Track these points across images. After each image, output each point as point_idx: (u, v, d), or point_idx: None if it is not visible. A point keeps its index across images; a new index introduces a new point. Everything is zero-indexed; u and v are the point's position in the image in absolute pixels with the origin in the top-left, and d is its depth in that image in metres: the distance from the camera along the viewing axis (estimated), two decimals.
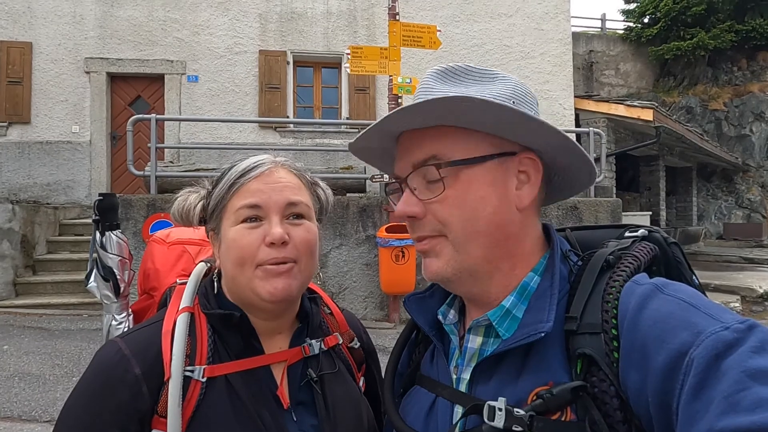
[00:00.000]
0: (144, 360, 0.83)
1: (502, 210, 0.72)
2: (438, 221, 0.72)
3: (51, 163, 9.31)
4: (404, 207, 0.74)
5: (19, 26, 9.33)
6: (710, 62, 17.09)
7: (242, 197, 0.88)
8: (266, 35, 9.96)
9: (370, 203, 6.18)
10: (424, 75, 0.78)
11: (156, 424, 0.82)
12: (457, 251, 0.71)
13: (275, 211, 0.87)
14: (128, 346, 0.85)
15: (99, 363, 0.85)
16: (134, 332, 0.91)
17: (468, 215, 0.71)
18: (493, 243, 0.72)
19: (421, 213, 0.73)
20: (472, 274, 0.72)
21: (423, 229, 0.74)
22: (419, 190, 0.73)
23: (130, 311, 1.17)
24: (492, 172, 0.72)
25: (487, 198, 0.71)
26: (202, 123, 9.43)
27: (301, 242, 0.88)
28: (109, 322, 1.15)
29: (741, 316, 0.58)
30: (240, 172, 0.89)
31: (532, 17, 10.66)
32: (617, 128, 10.96)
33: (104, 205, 1.16)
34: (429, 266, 0.74)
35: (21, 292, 6.81)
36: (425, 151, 0.73)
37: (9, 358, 4.57)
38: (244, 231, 0.87)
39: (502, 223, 0.72)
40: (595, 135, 7.34)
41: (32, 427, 3.36)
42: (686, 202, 15.86)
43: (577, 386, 0.61)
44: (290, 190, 0.90)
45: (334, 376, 0.95)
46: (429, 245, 0.73)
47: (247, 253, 0.86)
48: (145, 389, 0.82)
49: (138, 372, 0.82)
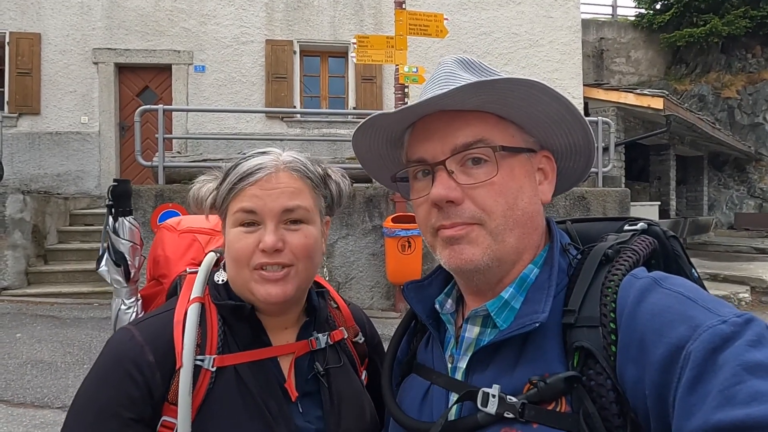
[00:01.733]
0: (156, 348, 0.85)
1: (534, 202, 0.74)
2: (479, 208, 0.70)
3: (61, 153, 9.40)
4: (445, 191, 0.70)
5: (27, 17, 9.37)
6: (723, 49, 16.77)
7: (240, 201, 0.88)
8: (273, 25, 9.92)
9: (376, 193, 6.18)
10: (442, 62, 0.77)
11: (167, 411, 0.83)
12: (495, 240, 0.71)
13: (270, 217, 0.87)
14: (141, 333, 0.87)
15: (114, 348, 0.86)
16: (146, 320, 0.92)
17: (510, 203, 0.71)
18: (525, 233, 0.73)
19: (461, 198, 0.70)
20: (501, 264, 0.72)
21: (460, 215, 0.70)
22: (457, 175, 0.71)
23: (139, 296, 1.19)
24: (525, 165, 0.74)
25: (524, 189, 0.72)
26: (209, 113, 9.45)
27: (298, 247, 0.88)
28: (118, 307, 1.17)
29: (739, 309, 0.58)
30: (240, 175, 0.89)
31: (541, 4, 10.51)
32: (627, 117, 10.83)
33: (118, 191, 1.17)
34: (461, 253, 0.71)
35: (33, 281, 6.91)
36: (473, 133, 0.71)
37: (22, 346, 4.65)
38: (240, 234, 0.88)
39: (534, 214, 0.74)
40: (603, 124, 7.26)
41: (45, 413, 3.43)
42: (697, 192, 15.66)
43: (570, 376, 0.61)
44: (287, 195, 0.88)
45: (339, 369, 0.97)
46: (464, 231, 0.71)
47: (243, 257, 0.87)
48: (158, 376, 0.83)
49: (152, 359, 0.84)
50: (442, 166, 0.71)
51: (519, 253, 0.73)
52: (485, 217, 0.70)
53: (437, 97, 0.67)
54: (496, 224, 0.70)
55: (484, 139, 0.70)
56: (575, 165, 0.81)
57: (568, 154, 0.79)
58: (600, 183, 7.05)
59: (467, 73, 0.74)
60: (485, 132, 0.71)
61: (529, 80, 0.67)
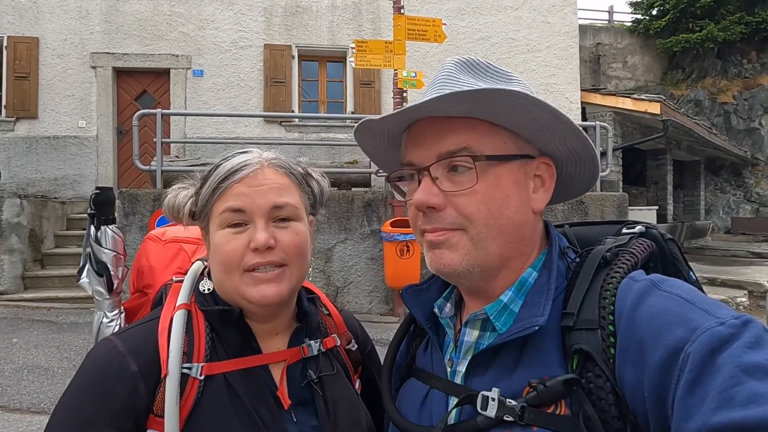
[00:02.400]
0: (140, 357, 0.81)
1: (522, 211, 0.73)
2: (461, 214, 0.70)
3: (58, 157, 9.37)
4: (426, 197, 0.71)
5: (25, 21, 9.37)
6: (719, 55, 16.87)
7: (226, 201, 0.85)
8: (271, 29, 9.94)
9: (374, 198, 6.18)
10: (444, 64, 0.76)
11: (152, 424, 0.79)
12: (475, 247, 0.71)
13: (260, 215, 0.84)
14: (124, 343, 0.83)
15: (94, 361, 0.82)
16: (129, 330, 0.89)
17: (493, 212, 0.70)
18: (509, 242, 0.72)
19: (442, 204, 0.71)
20: (483, 270, 0.72)
21: (441, 221, 0.71)
22: (441, 181, 0.71)
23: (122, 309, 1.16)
24: (515, 173, 0.72)
25: (510, 197, 0.72)
26: (207, 117, 9.44)
27: (289, 245, 0.86)
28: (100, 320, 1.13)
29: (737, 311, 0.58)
30: (224, 174, 0.86)
31: (539, 10, 10.57)
32: (624, 122, 10.87)
33: (100, 199, 1.15)
34: (440, 258, 0.72)
35: (29, 285, 6.88)
36: (456, 141, 0.71)
37: (18, 351, 4.63)
38: (229, 236, 0.84)
39: (521, 223, 0.73)
40: (601, 129, 7.29)
41: (41, 419, 3.41)
42: (694, 197, 15.72)
43: (569, 379, 0.61)
44: (276, 192, 0.86)
45: (333, 377, 0.94)
46: (444, 237, 0.71)
47: (233, 259, 0.84)
48: (142, 387, 0.80)
49: (135, 369, 0.80)
50: (427, 172, 0.72)
51: (503, 261, 0.73)
52: (467, 224, 0.70)
53: (415, 107, 0.69)
54: (477, 231, 0.70)
55: (469, 147, 0.70)
56: (581, 172, 0.80)
57: (571, 160, 0.78)
58: (598, 187, 7.08)
59: (468, 76, 0.74)
60: (471, 140, 0.70)
61: (509, 90, 0.67)
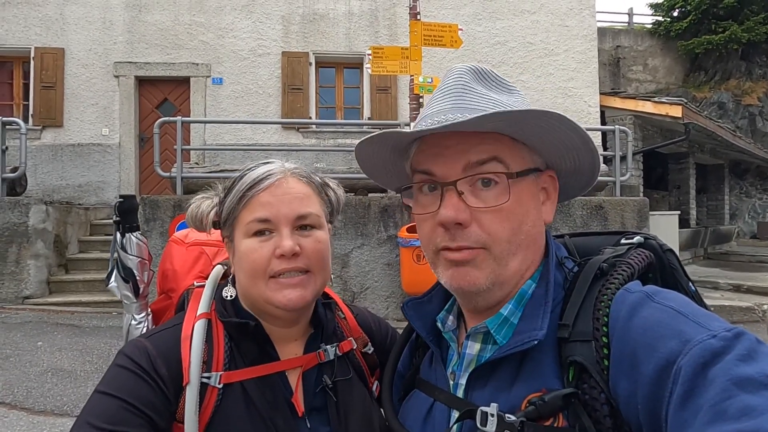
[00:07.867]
0: (168, 363, 0.85)
1: (537, 224, 0.73)
2: (485, 232, 0.69)
3: (82, 164, 9.60)
4: (454, 213, 0.68)
5: (52, 33, 9.65)
6: (743, 56, 16.51)
7: (252, 211, 0.88)
8: (289, 37, 10.06)
9: (391, 203, 6.18)
10: (455, 70, 0.75)
11: (175, 430, 0.83)
12: (498, 264, 0.70)
13: (285, 223, 0.88)
14: (154, 347, 0.86)
15: (128, 356, 0.85)
16: (157, 334, 0.92)
17: (515, 228, 0.70)
18: (527, 256, 0.73)
19: (469, 221, 0.69)
20: (502, 286, 0.72)
21: (466, 239, 0.69)
22: (467, 196, 0.69)
23: (149, 311, 1.19)
24: (532, 187, 0.73)
25: (530, 212, 0.72)
26: (226, 125, 9.59)
27: (312, 252, 0.89)
28: (129, 322, 1.17)
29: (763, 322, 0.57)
30: (249, 183, 0.89)
31: (556, 13, 10.49)
32: (644, 125, 10.69)
33: (124, 207, 1.17)
34: (465, 276, 0.70)
35: (54, 290, 7.04)
36: (485, 151, 0.69)
37: (43, 354, 4.73)
38: (255, 244, 0.87)
39: (536, 236, 0.73)
40: (621, 133, 7.18)
41: (64, 421, 3.47)
42: (718, 201, 15.36)
43: (568, 393, 0.62)
44: (299, 201, 0.90)
45: (347, 382, 0.95)
46: (470, 255, 0.69)
47: (259, 266, 0.87)
48: (169, 390, 0.83)
49: (164, 372, 0.84)
50: (453, 187, 0.69)
51: (521, 275, 0.73)
52: (490, 242, 0.69)
53: (456, 124, 0.66)
54: (501, 249, 0.69)
55: (498, 157, 0.69)
56: (576, 182, 0.81)
57: (572, 173, 0.79)
58: (618, 192, 6.95)
59: (481, 86, 0.73)
60: (499, 150, 0.70)
61: (549, 112, 0.66)
